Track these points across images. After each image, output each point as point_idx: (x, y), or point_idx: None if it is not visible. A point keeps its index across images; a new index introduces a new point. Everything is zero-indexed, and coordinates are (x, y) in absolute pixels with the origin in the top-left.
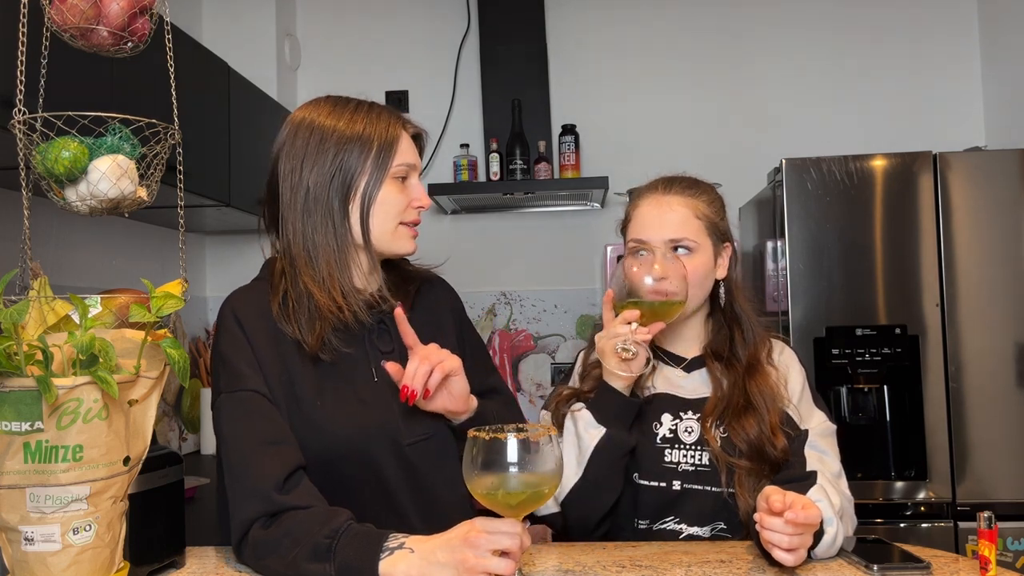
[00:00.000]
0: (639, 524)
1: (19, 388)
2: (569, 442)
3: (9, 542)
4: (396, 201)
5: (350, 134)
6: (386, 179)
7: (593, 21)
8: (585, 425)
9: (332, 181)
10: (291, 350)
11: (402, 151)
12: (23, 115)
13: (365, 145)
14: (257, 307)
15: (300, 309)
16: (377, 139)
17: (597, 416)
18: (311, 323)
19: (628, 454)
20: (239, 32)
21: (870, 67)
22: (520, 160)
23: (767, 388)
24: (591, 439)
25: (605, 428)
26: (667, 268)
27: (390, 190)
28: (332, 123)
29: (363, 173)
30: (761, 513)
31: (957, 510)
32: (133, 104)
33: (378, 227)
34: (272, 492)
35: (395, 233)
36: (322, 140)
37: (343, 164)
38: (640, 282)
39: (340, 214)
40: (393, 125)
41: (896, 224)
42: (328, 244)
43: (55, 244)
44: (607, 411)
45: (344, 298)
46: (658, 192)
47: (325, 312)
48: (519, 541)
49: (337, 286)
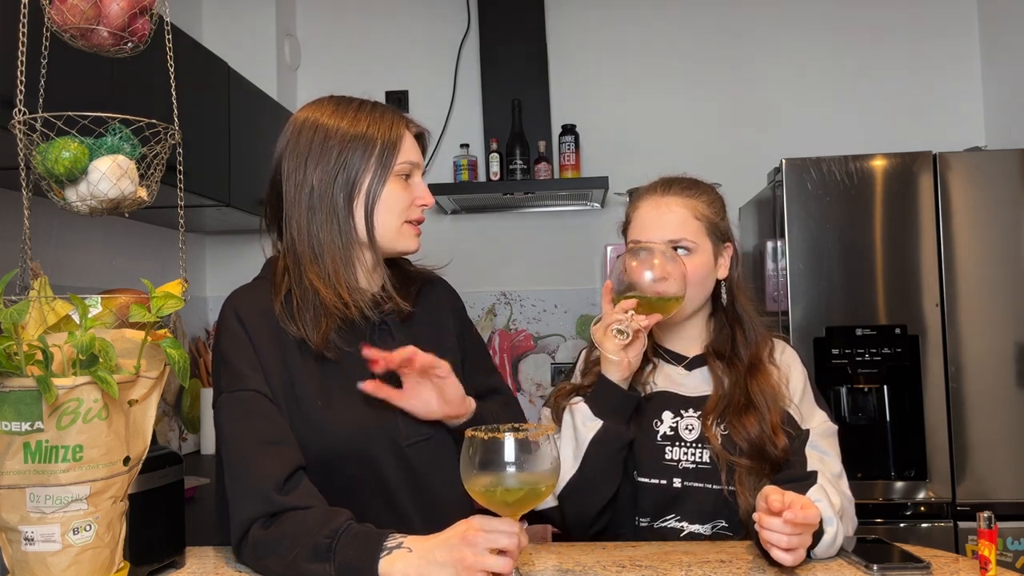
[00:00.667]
0: (640, 522)
1: (19, 388)
2: (567, 436)
3: (9, 542)
4: (400, 199)
5: (353, 133)
6: (389, 177)
7: (593, 21)
8: (583, 418)
9: (336, 179)
10: (292, 350)
11: (405, 149)
12: (23, 115)
13: (368, 144)
14: (259, 306)
15: (305, 307)
16: (380, 138)
17: (594, 409)
18: (316, 321)
19: (626, 448)
20: (239, 32)
21: (870, 67)
22: (520, 160)
23: (768, 387)
24: (588, 432)
25: (602, 420)
26: (666, 267)
27: (393, 188)
28: (335, 122)
29: (367, 171)
30: (760, 513)
31: (957, 510)
32: (133, 104)
33: (382, 225)
34: (272, 492)
35: (399, 231)
36: (326, 139)
37: (347, 162)
38: (639, 277)
39: (344, 212)
40: (396, 124)
41: (896, 224)
42: (333, 242)
43: (55, 244)
44: (604, 404)
45: (350, 295)
46: (657, 193)
47: (331, 309)
48: (517, 540)
49: (343, 283)
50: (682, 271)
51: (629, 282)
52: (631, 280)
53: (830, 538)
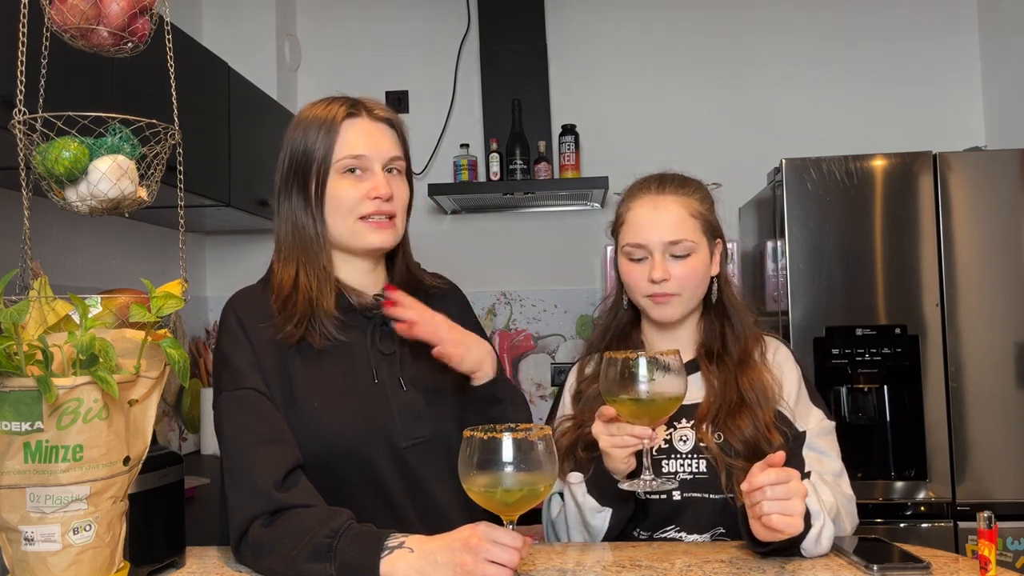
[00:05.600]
0: (640, 535)
1: (19, 388)
2: (573, 518)
3: (9, 542)
4: (345, 198)
5: (294, 139)
6: (330, 178)
7: (593, 21)
8: (590, 511)
9: (289, 181)
10: (291, 351)
11: (347, 144)
12: (23, 115)
13: (310, 147)
14: (258, 308)
15: (283, 295)
16: (319, 141)
17: (600, 499)
18: (291, 313)
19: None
20: (239, 32)
21: (870, 67)
22: (520, 160)
23: (759, 383)
24: (599, 521)
25: (610, 509)
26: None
27: (338, 187)
28: (293, 126)
29: (310, 174)
30: (744, 490)
31: (957, 510)
32: (133, 104)
33: (334, 226)
34: (271, 490)
35: (353, 230)
36: (286, 143)
37: (296, 166)
38: (635, 385)
39: (303, 213)
40: (333, 120)
41: (896, 224)
42: (301, 241)
43: (55, 244)
44: (608, 490)
45: (327, 287)
46: (651, 192)
47: (302, 306)
48: (518, 556)
49: (313, 274)
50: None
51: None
52: (626, 387)
53: (816, 531)
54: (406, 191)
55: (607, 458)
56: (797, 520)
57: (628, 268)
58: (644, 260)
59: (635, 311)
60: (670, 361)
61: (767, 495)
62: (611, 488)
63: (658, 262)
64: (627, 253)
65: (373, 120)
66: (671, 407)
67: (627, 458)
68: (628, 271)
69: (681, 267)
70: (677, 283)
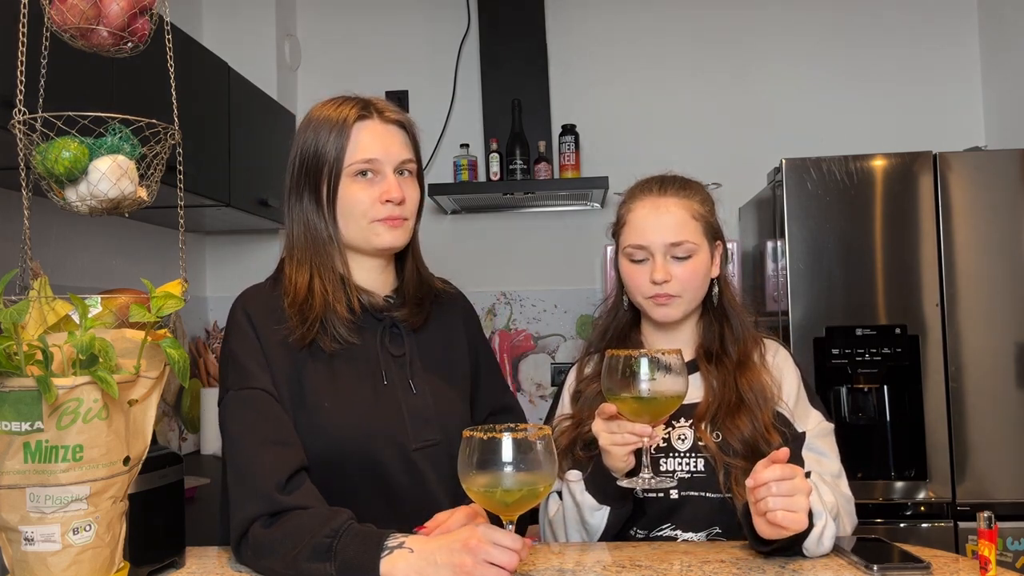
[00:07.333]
0: (637, 533)
1: (19, 388)
2: (572, 519)
3: (9, 542)
4: (358, 201)
5: (304, 140)
6: (342, 182)
7: (593, 21)
8: (588, 510)
9: (300, 183)
10: (303, 352)
11: (360, 147)
12: (23, 115)
13: (320, 151)
14: (268, 306)
15: (299, 300)
16: (331, 144)
17: (598, 497)
18: (305, 317)
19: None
20: (239, 32)
21: (870, 67)
22: (520, 160)
23: (758, 384)
24: (597, 520)
25: (608, 507)
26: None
27: (350, 191)
28: (305, 126)
29: (322, 177)
30: (749, 486)
31: (957, 510)
32: (133, 104)
33: (346, 228)
34: (273, 492)
35: (367, 231)
36: (297, 145)
37: (308, 167)
38: (636, 383)
39: (315, 215)
40: (345, 125)
41: (896, 224)
42: (313, 241)
43: (55, 244)
44: (607, 489)
45: (340, 291)
46: (653, 194)
47: (316, 307)
48: (516, 559)
49: (328, 278)
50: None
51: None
52: (627, 383)
53: (818, 531)
54: (417, 193)
55: (606, 456)
56: (802, 516)
57: (629, 269)
58: (645, 261)
59: (635, 311)
60: (672, 360)
61: (772, 491)
62: (609, 486)
63: (659, 263)
64: (628, 254)
65: (384, 122)
66: (672, 406)
67: (626, 456)
68: (629, 272)
69: (682, 268)
70: (678, 284)
